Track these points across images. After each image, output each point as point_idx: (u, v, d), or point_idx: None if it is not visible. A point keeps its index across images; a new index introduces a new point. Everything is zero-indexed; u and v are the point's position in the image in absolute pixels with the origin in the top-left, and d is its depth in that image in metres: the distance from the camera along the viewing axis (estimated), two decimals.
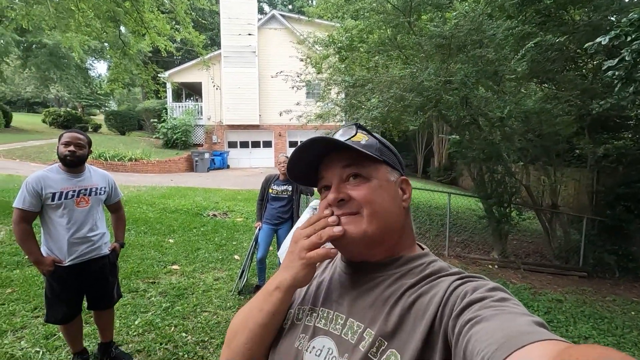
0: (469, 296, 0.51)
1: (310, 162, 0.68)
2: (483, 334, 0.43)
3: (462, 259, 6.21)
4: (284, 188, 3.83)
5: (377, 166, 0.65)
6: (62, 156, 2.16)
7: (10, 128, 19.15)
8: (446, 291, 0.55)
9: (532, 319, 0.45)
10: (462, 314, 0.49)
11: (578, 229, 6.81)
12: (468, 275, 0.59)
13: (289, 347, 0.63)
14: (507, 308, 0.47)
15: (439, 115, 5.64)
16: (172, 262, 4.43)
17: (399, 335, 0.55)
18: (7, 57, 18.27)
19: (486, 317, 0.46)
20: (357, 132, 0.67)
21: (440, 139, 19.20)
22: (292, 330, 0.66)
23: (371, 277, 0.63)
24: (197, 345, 2.73)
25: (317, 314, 0.65)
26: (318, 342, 0.61)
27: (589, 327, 4.03)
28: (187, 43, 8.56)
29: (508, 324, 0.43)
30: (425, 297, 0.57)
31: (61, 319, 2.21)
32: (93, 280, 2.30)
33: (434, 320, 0.53)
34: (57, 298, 2.19)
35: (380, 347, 0.55)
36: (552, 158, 6.87)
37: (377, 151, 0.65)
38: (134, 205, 7.20)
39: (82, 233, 2.20)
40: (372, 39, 6.22)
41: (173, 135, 17.21)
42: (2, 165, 10.72)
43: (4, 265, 3.83)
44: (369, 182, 0.63)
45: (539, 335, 0.40)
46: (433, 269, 0.62)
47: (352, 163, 0.64)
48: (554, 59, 5.02)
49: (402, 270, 0.62)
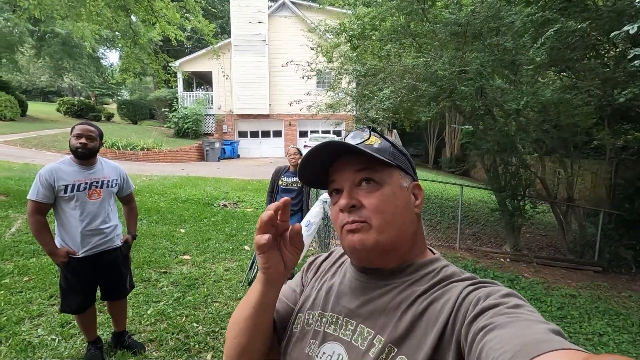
0: (482, 302, 0.51)
1: (322, 164, 0.66)
2: (497, 341, 0.42)
3: (473, 252, 6.13)
4: (294, 180, 3.81)
5: (391, 171, 0.63)
6: (73, 148, 2.17)
7: (26, 117, 19.51)
8: (458, 297, 0.54)
9: (549, 326, 0.44)
10: (476, 321, 0.49)
11: (594, 223, 6.65)
12: (481, 281, 0.58)
13: (299, 352, 0.64)
14: (522, 315, 0.46)
15: (452, 105, 5.50)
16: (183, 252, 4.48)
17: (409, 341, 0.54)
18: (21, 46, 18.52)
19: (501, 324, 0.45)
20: (370, 136, 0.65)
21: (452, 129, 18.92)
22: (302, 335, 0.66)
23: (382, 284, 0.63)
24: (207, 336, 2.76)
25: (326, 319, 0.64)
26: (328, 347, 0.61)
27: (604, 323, 3.95)
28: (197, 32, 8.51)
29: (524, 332, 0.42)
30: (438, 304, 0.56)
31: (75, 309, 2.25)
32: (106, 271, 2.33)
33: (446, 326, 0.53)
34: (71, 289, 2.23)
35: (390, 353, 0.54)
36: (569, 150, 6.68)
37: (390, 155, 0.64)
38: (146, 194, 7.29)
39: (94, 225, 2.22)
40: (385, 26, 6.06)
41: (184, 125, 17.32)
42: (19, 154, 10.96)
43: (20, 254, 3.92)
44: (381, 189, 0.61)
45: (557, 344, 0.39)
46: (445, 275, 0.61)
47: (365, 167, 0.62)
48: (574, 46, 4.82)
49: (414, 277, 0.61)
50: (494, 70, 4.71)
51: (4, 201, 5.68)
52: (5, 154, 10.66)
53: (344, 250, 0.65)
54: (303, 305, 0.70)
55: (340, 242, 0.65)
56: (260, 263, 0.59)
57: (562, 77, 6.14)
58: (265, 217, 0.55)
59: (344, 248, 0.64)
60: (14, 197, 5.88)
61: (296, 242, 0.61)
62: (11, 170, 8.29)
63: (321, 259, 0.79)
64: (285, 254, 0.61)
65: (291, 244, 0.61)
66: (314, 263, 0.79)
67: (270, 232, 0.57)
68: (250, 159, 17.29)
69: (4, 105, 16.57)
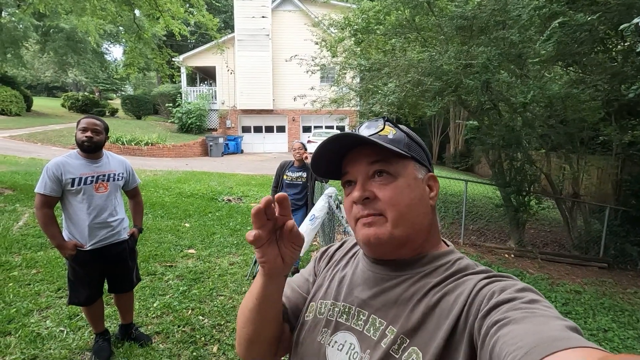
0: (497, 297, 0.50)
1: (336, 155, 0.65)
2: (512, 336, 0.41)
3: (477, 248, 6.12)
4: (299, 174, 3.82)
5: (405, 163, 0.62)
6: (79, 142, 2.18)
7: (31, 112, 19.64)
8: (472, 290, 0.54)
9: (565, 323, 0.43)
10: (490, 315, 0.48)
11: (600, 219, 6.61)
12: (495, 275, 0.57)
13: (312, 341, 0.64)
14: (538, 310, 0.45)
15: (458, 100, 5.47)
16: (188, 246, 4.51)
17: (421, 333, 0.54)
18: (26, 41, 18.56)
19: (515, 319, 0.44)
20: (384, 126, 0.64)
21: (456, 124, 18.80)
22: (314, 324, 0.66)
23: (395, 275, 0.62)
24: (213, 329, 2.79)
25: (339, 309, 0.64)
26: (340, 337, 0.61)
27: (609, 319, 3.94)
28: (201, 26, 8.49)
29: (539, 328, 0.41)
30: (451, 296, 0.55)
31: (84, 301, 2.28)
32: (113, 264, 2.35)
33: (459, 319, 0.52)
34: (79, 281, 2.25)
35: (402, 344, 0.54)
36: (575, 145, 6.62)
37: (405, 146, 0.62)
38: (151, 189, 7.33)
39: (102, 218, 2.25)
40: (390, 20, 6.01)
41: (188, 120, 17.34)
42: (25, 149, 11.05)
43: (28, 247, 3.97)
44: (395, 181, 0.60)
45: (574, 342, 0.38)
46: (459, 267, 0.60)
47: (379, 159, 0.61)
48: (582, 40, 4.75)
49: (428, 269, 0.61)
50: (500, 64, 4.67)
51: (11, 195, 5.74)
52: (11, 148, 10.74)
53: (358, 243, 0.65)
54: (316, 294, 0.71)
55: (355, 234, 0.64)
56: (257, 257, 0.58)
57: (569, 72, 6.07)
58: (254, 211, 0.53)
59: (358, 241, 0.64)
60: (21, 191, 5.94)
61: (292, 238, 0.58)
62: (18, 165, 8.37)
63: (334, 248, 0.79)
64: (283, 249, 0.58)
65: (288, 239, 0.58)
66: (327, 252, 0.79)
67: (265, 225, 0.55)
68: (253, 155, 17.30)
69: (10, 100, 16.67)
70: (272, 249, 0.57)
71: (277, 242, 0.58)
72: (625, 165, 7.12)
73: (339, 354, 0.60)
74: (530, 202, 6.30)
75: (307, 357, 0.64)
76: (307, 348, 0.64)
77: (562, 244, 6.97)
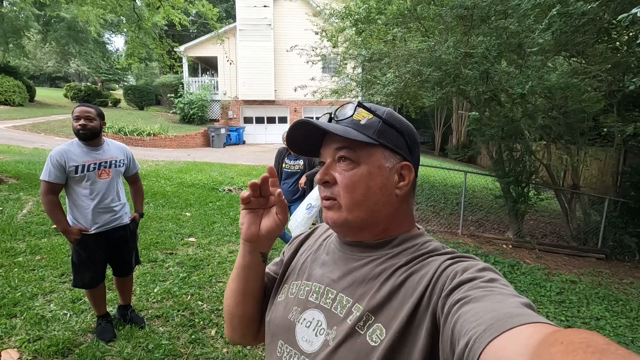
0: (459, 276, 0.52)
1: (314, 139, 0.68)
2: (472, 314, 0.44)
3: (475, 238, 6.17)
4: (296, 162, 3.87)
5: (371, 150, 0.62)
6: (75, 131, 2.24)
7: (34, 102, 19.69)
8: (436, 271, 0.56)
9: (520, 300, 0.46)
10: (452, 294, 0.50)
11: (599, 210, 6.62)
12: (459, 255, 0.59)
13: (282, 319, 0.67)
14: (496, 289, 0.48)
15: (457, 91, 5.45)
16: (188, 235, 4.58)
17: (386, 311, 0.56)
18: (28, 31, 18.53)
19: (475, 298, 0.47)
20: (355, 111, 0.64)
21: (459, 115, 18.68)
22: (285, 303, 0.69)
23: (364, 256, 0.64)
24: (212, 313, 2.87)
25: (309, 288, 0.67)
26: (309, 314, 0.64)
27: (602, 308, 3.99)
28: (201, 16, 8.46)
29: (497, 305, 0.44)
30: (416, 276, 0.57)
31: (88, 283, 2.36)
32: (115, 247, 2.45)
33: (422, 298, 0.54)
34: (83, 264, 2.33)
35: (367, 321, 0.56)
36: (576, 136, 6.59)
37: (375, 133, 0.61)
38: (153, 179, 7.40)
39: (105, 203, 2.33)
40: (391, 10, 5.96)
41: (190, 111, 17.32)
42: (28, 139, 11.13)
43: (32, 234, 4.05)
44: (356, 168, 0.62)
45: (527, 318, 0.40)
46: (426, 249, 0.62)
47: (344, 146, 0.62)
48: (584, 30, 4.71)
49: (395, 251, 0.63)
50: (500, 54, 4.64)
51: (15, 184, 5.82)
52: (15, 138, 10.83)
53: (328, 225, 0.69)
54: (288, 278, 0.74)
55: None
56: (240, 221, 0.67)
57: (572, 62, 6.02)
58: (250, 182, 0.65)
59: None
60: (25, 180, 6.02)
61: (279, 203, 0.66)
62: (21, 155, 8.45)
63: (302, 237, 0.82)
64: (265, 219, 0.67)
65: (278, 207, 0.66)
66: (294, 241, 0.82)
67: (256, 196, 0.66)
68: (255, 145, 17.31)
69: (13, 90, 16.71)
70: (252, 217, 0.67)
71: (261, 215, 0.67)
72: (626, 157, 7.10)
73: (307, 331, 0.62)
74: (529, 193, 6.32)
75: (278, 335, 0.67)
76: (277, 326, 0.67)
77: (560, 235, 6.99)
